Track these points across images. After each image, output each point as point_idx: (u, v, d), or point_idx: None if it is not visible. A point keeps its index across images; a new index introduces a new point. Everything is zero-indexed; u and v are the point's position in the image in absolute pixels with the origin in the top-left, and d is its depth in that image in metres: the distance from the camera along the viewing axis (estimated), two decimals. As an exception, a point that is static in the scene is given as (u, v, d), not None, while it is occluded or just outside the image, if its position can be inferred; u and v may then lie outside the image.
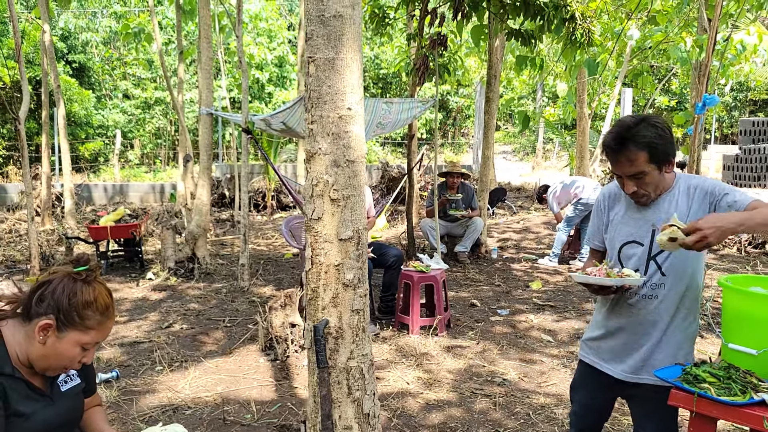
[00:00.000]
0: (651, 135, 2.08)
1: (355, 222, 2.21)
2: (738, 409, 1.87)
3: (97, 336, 1.73)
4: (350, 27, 2.15)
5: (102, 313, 1.72)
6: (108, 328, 1.76)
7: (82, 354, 1.71)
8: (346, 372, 2.21)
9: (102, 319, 1.72)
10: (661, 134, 2.10)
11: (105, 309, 1.73)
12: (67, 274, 1.70)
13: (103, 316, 1.72)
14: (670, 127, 2.20)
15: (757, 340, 2.07)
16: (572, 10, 6.60)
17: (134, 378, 4.21)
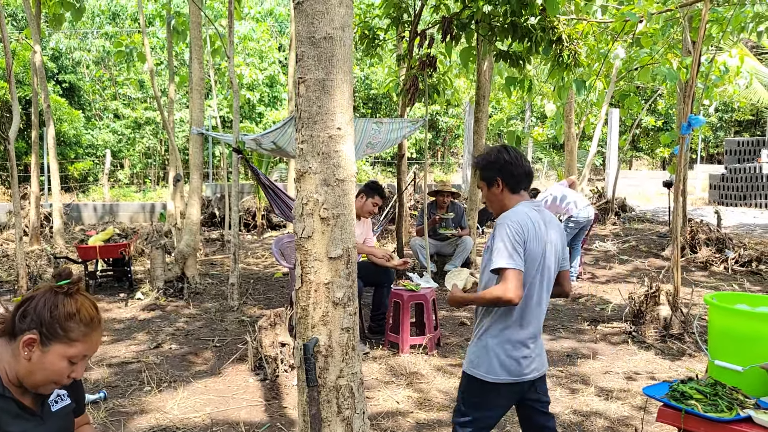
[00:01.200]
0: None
1: (345, 240, 2.23)
2: (725, 425, 1.89)
3: (83, 348, 1.70)
4: (340, 48, 2.19)
5: (86, 324, 1.70)
6: (95, 341, 1.74)
7: (70, 368, 1.69)
8: (335, 390, 2.21)
9: (87, 330, 1.70)
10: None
11: (89, 320, 1.71)
12: (49, 289, 1.70)
13: (87, 327, 1.70)
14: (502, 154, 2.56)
15: (742, 357, 2.10)
16: (559, 32, 6.72)
17: (122, 399, 4.17)
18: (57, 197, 9.48)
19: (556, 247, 2.50)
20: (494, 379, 2.40)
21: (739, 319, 2.12)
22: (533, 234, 2.39)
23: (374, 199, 5.44)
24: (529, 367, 2.45)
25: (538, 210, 2.51)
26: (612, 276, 8.18)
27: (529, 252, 2.38)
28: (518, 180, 2.50)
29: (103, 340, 5.44)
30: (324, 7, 2.15)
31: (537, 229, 2.41)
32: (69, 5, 9.84)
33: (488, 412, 2.48)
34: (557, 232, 2.54)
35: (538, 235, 2.40)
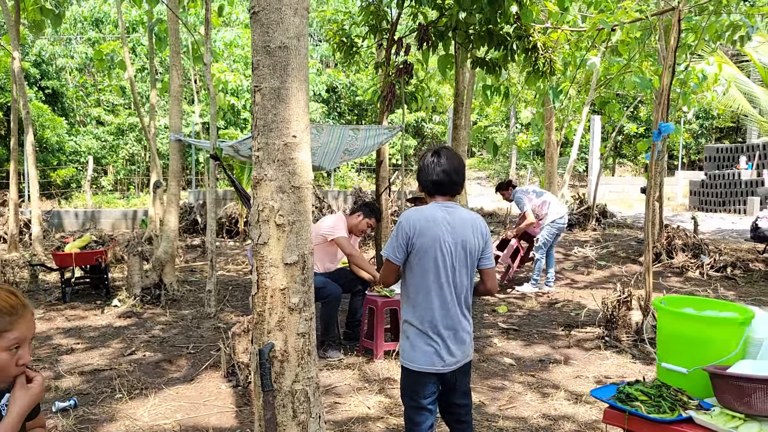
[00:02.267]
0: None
1: (300, 247, 2.26)
2: (666, 426, 1.93)
3: (17, 335, 1.70)
4: (295, 58, 2.22)
5: (9, 313, 1.71)
6: (26, 324, 1.74)
7: (14, 356, 1.70)
8: (291, 395, 2.23)
9: (12, 318, 1.70)
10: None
11: (11, 309, 1.71)
12: None
13: (12, 316, 1.71)
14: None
15: (688, 360, 2.15)
16: (534, 40, 6.80)
17: (92, 406, 4.16)
18: (36, 204, 9.43)
19: (464, 245, 2.66)
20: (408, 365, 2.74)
21: (686, 323, 2.17)
22: (424, 231, 2.61)
23: (370, 220, 5.51)
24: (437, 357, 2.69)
25: (448, 210, 2.68)
26: (590, 281, 8.26)
27: (419, 247, 2.62)
28: (428, 186, 2.72)
29: (77, 348, 5.43)
30: (279, 16, 2.19)
31: (432, 227, 2.62)
32: (48, 12, 9.81)
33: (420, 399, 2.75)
34: (472, 231, 2.69)
35: (431, 232, 2.61)
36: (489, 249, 2.77)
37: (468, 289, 2.74)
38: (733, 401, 1.90)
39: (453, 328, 2.70)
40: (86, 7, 20.55)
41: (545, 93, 7.64)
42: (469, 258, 2.69)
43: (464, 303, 2.74)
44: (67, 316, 6.46)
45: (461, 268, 2.68)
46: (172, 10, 6.53)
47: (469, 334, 2.77)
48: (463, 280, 2.70)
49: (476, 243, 2.70)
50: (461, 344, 2.73)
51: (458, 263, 2.66)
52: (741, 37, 8.72)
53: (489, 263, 2.75)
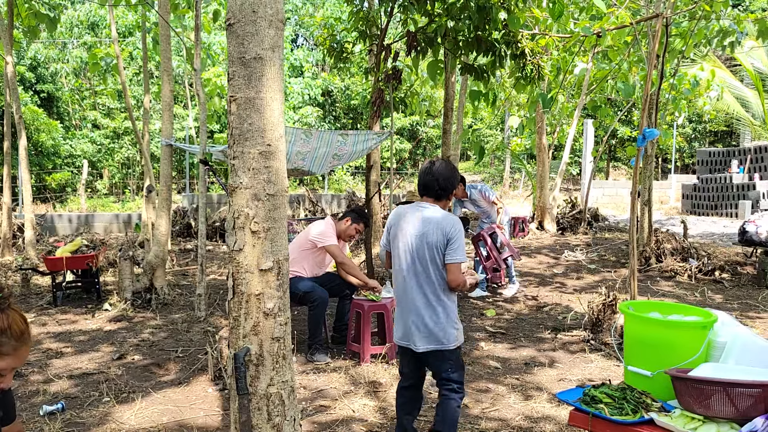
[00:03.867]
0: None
1: (275, 253, 2.31)
2: (628, 427, 1.99)
3: (12, 362, 1.77)
4: (270, 68, 2.28)
5: (17, 339, 1.76)
6: (23, 354, 1.80)
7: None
8: (266, 398, 2.28)
9: (17, 344, 1.76)
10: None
11: (19, 335, 1.77)
12: None
13: (18, 342, 1.76)
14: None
15: (653, 363, 2.20)
16: (522, 46, 6.87)
17: (80, 410, 4.20)
18: (29, 208, 9.47)
19: (426, 239, 3.08)
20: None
21: (650, 327, 2.23)
22: (396, 223, 3.24)
23: (358, 225, 5.55)
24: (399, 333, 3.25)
25: (421, 209, 3.18)
26: (580, 285, 8.32)
27: (392, 236, 3.25)
28: (418, 188, 3.27)
29: (67, 351, 5.47)
30: (254, 28, 2.24)
31: (402, 221, 3.20)
32: (43, 17, 9.86)
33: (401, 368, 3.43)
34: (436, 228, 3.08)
35: (400, 225, 3.20)
36: (453, 246, 3.04)
37: (432, 279, 3.09)
38: (693, 403, 1.95)
39: (411, 311, 3.13)
40: (82, 11, 20.60)
41: (536, 99, 7.69)
42: (429, 251, 3.07)
43: (426, 290, 3.09)
44: (58, 320, 6.50)
45: (423, 259, 3.09)
46: (163, 16, 6.58)
47: (431, 319, 3.09)
48: (426, 270, 3.09)
49: (437, 239, 3.06)
50: (420, 327, 3.11)
51: (418, 254, 3.10)
52: (731, 42, 8.80)
53: (450, 259, 3.05)
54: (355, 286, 5.51)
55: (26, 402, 4.32)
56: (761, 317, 6.54)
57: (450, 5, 6.55)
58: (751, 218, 8.40)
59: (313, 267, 5.39)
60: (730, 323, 2.23)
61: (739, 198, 14.76)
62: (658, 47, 6.48)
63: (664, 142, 12.62)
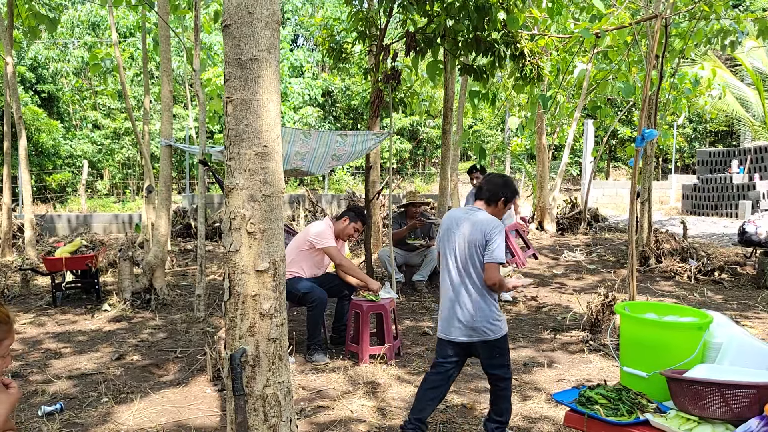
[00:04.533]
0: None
1: (272, 254, 2.31)
2: (623, 428, 1.99)
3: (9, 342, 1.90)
4: (266, 70, 2.28)
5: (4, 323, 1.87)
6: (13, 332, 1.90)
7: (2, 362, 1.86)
8: (262, 399, 2.29)
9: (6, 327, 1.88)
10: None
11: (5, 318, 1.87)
12: None
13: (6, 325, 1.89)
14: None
15: (648, 364, 2.20)
16: (521, 47, 6.87)
17: (78, 410, 4.20)
18: (29, 208, 9.48)
19: (468, 238, 3.37)
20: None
21: (646, 328, 2.23)
22: (445, 224, 3.56)
23: (356, 224, 5.55)
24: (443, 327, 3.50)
25: (468, 211, 3.52)
26: (579, 286, 8.32)
27: (442, 236, 3.54)
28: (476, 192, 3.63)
29: (66, 352, 5.48)
30: (250, 30, 2.25)
31: (452, 223, 3.50)
32: (43, 17, 9.88)
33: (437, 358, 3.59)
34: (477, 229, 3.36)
35: (450, 226, 3.50)
36: (491, 247, 3.30)
37: (474, 276, 3.37)
38: (688, 404, 1.95)
39: (456, 306, 3.40)
40: (83, 12, 20.62)
41: (536, 99, 7.69)
42: (470, 250, 3.37)
43: (470, 286, 3.37)
44: (58, 320, 6.51)
45: (465, 258, 3.39)
46: (162, 17, 6.59)
47: (474, 314, 3.35)
48: (467, 267, 3.38)
49: (478, 239, 3.34)
50: (465, 321, 3.37)
51: (463, 253, 3.40)
52: (731, 42, 8.81)
53: (487, 258, 3.32)
54: (354, 286, 5.51)
55: (25, 402, 4.32)
56: (760, 317, 6.54)
57: (449, 5, 6.56)
58: (751, 218, 8.40)
59: (311, 267, 5.39)
60: (725, 324, 2.23)
61: (739, 198, 14.75)
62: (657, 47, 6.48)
63: (663, 142, 12.62)
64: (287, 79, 22.11)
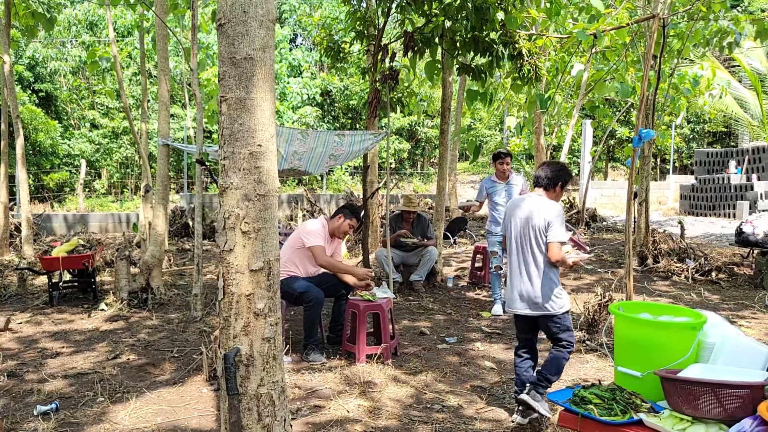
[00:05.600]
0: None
1: (266, 253, 2.31)
2: (617, 428, 1.99)
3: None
4: (261, 69, 2.27)
5: None
6: None
7: None
8: (256, 399, 2.28)
9: None
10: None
11: None
12: None
13: None
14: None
15: (643, 364, 2.20)
16: (519, 47, 6.87)
17: (74, 410, 4.19)
18: (26, 207, 9.46)
19: (530, 222, 3.79)
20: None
21: (640, 328, 2.23)
22: (509, 210, 4.03)
23: (351, 220, 5.54)
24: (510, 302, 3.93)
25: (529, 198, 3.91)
26: (577, 286, 8.32)
27: (507, 222, 4.01)
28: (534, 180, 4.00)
29: (63, 351, 5.47)
30: (245, 29, 2.24)
31: (516, 210, 3.93)
32: (40, 16, 9.86)
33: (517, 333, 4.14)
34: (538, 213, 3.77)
35: (514, 212, 3.94)
36: (552, 228, 3.70)
37: (537, 256, 3.77)
38: (682, 404, 1.95)
39: (522, 284, 3.81)
40: (80, 11, 20.60)
41: (534, 100, 7.69)
42: (533, 232, 3.77)
43: (532, 266, 3.78)
44: (54, 319, 6.50)
45: (529, 240, 3.80)
46: (159, 16, 6.58)
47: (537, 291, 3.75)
48: (532, 249, 3.78)
49: (540, 223, 3.74)
50: (530, 297, 3.78)
51: (526, 236, 3.81)
52: (729, 43, 8.80)
53: (549, 238, 3.72)
54: (352, 286, 5.50)
55: (21, 402, 4.31)
56: (756, 318, 6.55)
57: (447, 5, 6.56)
58: (748, 219, 8.41)
59: (306, 266, 5.38)
60: (719, 324, 2.23)
61: (737, 199, 14.76)
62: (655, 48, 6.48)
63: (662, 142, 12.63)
64: (285, 78, 22.10)
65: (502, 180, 6.78)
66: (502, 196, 6.71)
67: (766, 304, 7.06)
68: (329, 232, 5.47)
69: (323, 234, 5.36)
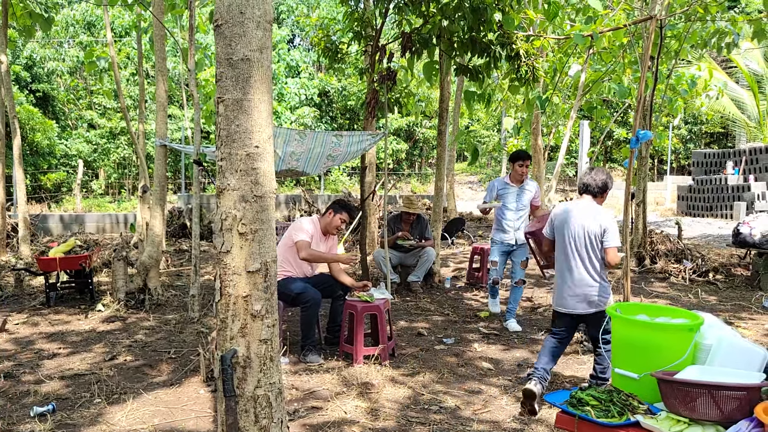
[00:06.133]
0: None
1: (263, 255, 2.31)
2: (614, 430, 1.99)
3: None
4: (258, 70, 2.27)
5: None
6: None
7: None
8: (253, 401, 2.28)
9: None
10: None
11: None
12: None
13: None
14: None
15: (640, 365, 2.20)
16: (517, 48, 6.87)
17: (70, 411, 4.18)
18: (23, 207, 9.45)
19: (584, 228, 4.14)
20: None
21: (637, 330, 2.23)
22: (558, 217, 4.33)
23: (341, 215, 5.52)
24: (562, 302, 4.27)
25: (579, 205, 4.26)
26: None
27: (556, 228, 4.33)
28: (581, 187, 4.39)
29: (59, 352, 5.46)
30: (242, 29, 2.24)
31: (567, 216, 4.24)
32: (38, 16, 9.85)
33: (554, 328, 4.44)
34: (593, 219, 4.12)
35: (565, 218, 4.25)
36: (608, 234, 4.07)
37: (592, 259, 4.13)
38: (678, 406, 1.95)
39: (576, 285, 4.16)
40: (78, 11, 20.56)
41: (533, 101, 7.69)
42: (588, 238, 4.12)
43: (588, 268, 4.13)
44: (51, 320, 6.48)
45: (585, 245, 4.13)
46: (157, 17, 6.57)
47: (591, 290, 4.12)
48: (587, 253, 4.14)
49: (596, 229, 4.10)
50: (584, 296, 4.14)
51: (581, 241, 4.15)
52: (727, 44, 8.82)
53: (607, 244, 4.09)
54: (349, 286, 5.50)
55: (17, 403, 4.30)
56: (754, 319, 6.56)
57: (444, 6, 6.56)
58: (746, 220, 8.41)
59: (300, 265, 5.37)
60: (716, 326, 2.23)
61: (734, 199, 14.79)
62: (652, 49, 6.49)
63: (659, 143, 12.64)
64: (283, 79, 22.08)
65: (516, 183, 6.33)
66: (512, 201, 6.28)
67: (763, 305, 7.07)
68: (322, 229, 5.46)
69: (311, 230, 5.35)
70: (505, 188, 6.36)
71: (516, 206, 6.28)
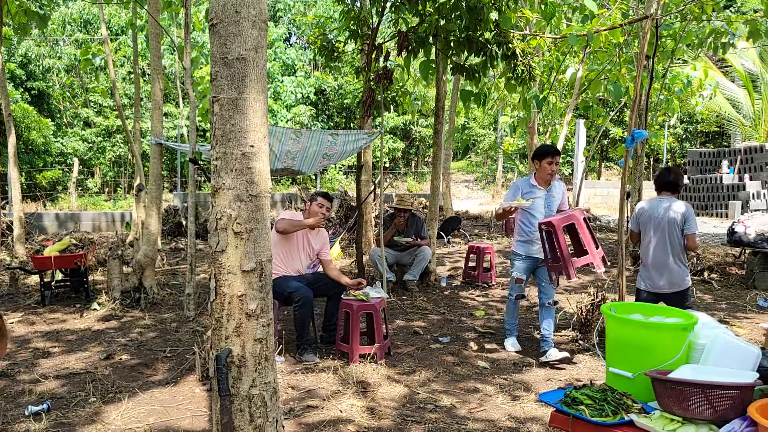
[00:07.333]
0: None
1: (258, 254, 2.31)
2: (608, 429, 2.00)
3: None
4: (253, 69, 2.27)
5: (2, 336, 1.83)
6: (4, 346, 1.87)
7: None
8: (248, 400, 2.28)
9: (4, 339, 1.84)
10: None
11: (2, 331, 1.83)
12: None
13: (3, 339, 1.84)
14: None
15: (634, 364, 2.21)
16: (513, 47, 6.88)
17: (65, 410, 4.17)
18: (18, 206, 9.42)
19: (669, 218, 4.78)
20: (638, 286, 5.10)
21: (631, 329, 2.24)
22: (646, 212, 4.96)
23: (317, 200, 5.50)
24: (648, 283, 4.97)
25: (660, 200, 4.93)
26: (571, 285, 8.34)
27: (643, 220, 4.97)
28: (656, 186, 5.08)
29: (55, 351, 5.44)
30: (237, 29, 2.24)
31: (652, 211, 4.91)
32: (33, 14, 9.81)
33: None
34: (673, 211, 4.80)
35: (650, 213, 4.91)
36: (689, 223, 4.75)
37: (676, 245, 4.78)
38: (672, 405, 1.96)
39: (663, 268, 4.83)
40: (74, 9, 20.50)
41: (530, 100, 7.70)
42: (671, 227, 4.77)
43: (672, 253, 4.78)
44: (47, 319, 6.47)
45: (669, 233, 4.79)
46: (152, 14, 6.55)
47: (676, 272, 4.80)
48: (673, 241, 4.77)
49: (678, 219, 4.76)
50: (671, 277, 4.81)
51: (665, 230, 4.80)
52: (723, 44, 8.84)
53: (687, 231, 4.76)
54: (344, 285, 5.50)
55: (12, 402, 4.29)
56: (748, 317, 6.58)
57: (441, 5, 6.56)
58: (741, 219, 8.44)
59: (286, 260, 5.36)
60: (710, 325, 2.24)
61: (730, 198, 14.84)
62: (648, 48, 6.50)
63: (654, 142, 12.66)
64: (279, 77, 22.05)
65: (544, 186, 5.26)
66: (540, 206, 5.26)
67: (758, 303, 7.10)
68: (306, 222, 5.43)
69: (288, 215, 5.39)
70: (531, 191, 5.25)
71: (545, 212, 5.25)
